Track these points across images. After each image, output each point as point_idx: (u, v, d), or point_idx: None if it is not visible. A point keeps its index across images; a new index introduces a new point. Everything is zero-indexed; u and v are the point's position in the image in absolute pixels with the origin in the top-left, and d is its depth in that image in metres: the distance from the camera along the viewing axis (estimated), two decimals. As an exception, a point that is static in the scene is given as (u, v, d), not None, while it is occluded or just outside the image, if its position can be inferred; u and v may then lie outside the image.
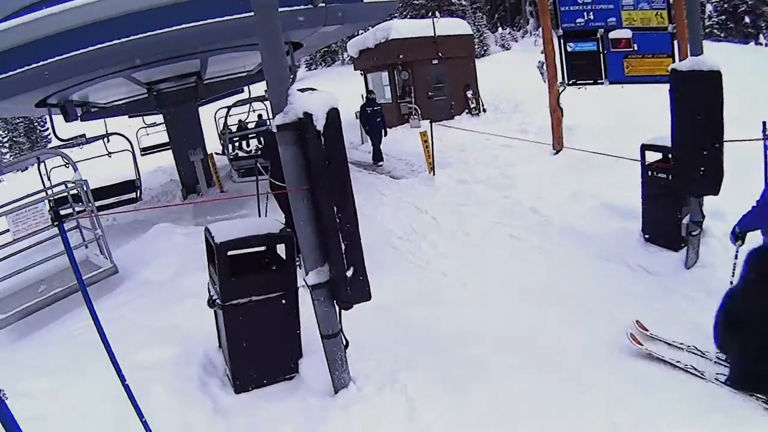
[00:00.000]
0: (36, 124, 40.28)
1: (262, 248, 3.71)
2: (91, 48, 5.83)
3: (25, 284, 5.45)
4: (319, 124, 2.74)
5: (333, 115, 2.77)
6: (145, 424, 2.62)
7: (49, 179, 9.06)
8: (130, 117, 11.03)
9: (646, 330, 3.74)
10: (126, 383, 2.59)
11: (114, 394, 2.77)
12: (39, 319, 4.89)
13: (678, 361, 3.37)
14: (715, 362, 3.33)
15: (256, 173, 6.14)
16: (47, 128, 38.24)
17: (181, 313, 4.38)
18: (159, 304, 4.70)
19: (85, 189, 5.60)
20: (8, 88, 6.19)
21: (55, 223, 2.39)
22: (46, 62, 5.85)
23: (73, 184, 5.69)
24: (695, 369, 3.28)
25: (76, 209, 6.25)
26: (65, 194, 6.14)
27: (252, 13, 2.78)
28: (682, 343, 3.54)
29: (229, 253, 3.26)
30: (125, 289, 5.37)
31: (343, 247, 2.90)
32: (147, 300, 4.93)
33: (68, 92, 7.89)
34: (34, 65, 5.88)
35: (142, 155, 11.23)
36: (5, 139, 40.42)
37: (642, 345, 3.55)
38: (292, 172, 2.87)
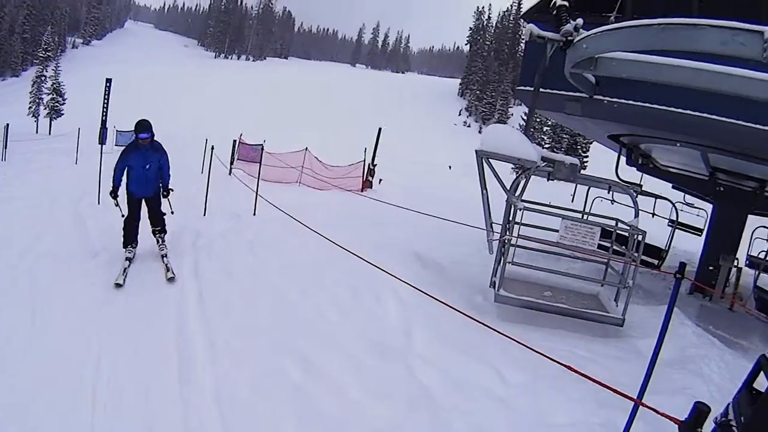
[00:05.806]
0: (581, 147, 41.75)
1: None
2: (681, 111, 5.55)
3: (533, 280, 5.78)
4: None
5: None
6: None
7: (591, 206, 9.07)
8: (673, 188, 9.85)
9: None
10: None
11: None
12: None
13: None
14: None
15: None
16: (587, 156, 38.88)
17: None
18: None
19: (636, 239, 5.26)
20: (598, 110, 6.34)
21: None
22: (637, 104, 5.87)
23: (628, 228, 5.46)
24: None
25: (613, 247, 6.36)
26: (611, 230, 6.13)
27: None
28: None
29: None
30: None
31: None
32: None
33: (640, 140, 7.74)
34: (626, 101, 5.96)
35: (668, 225, 9.69)
36: (547, 145, 43.16)
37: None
38: None
